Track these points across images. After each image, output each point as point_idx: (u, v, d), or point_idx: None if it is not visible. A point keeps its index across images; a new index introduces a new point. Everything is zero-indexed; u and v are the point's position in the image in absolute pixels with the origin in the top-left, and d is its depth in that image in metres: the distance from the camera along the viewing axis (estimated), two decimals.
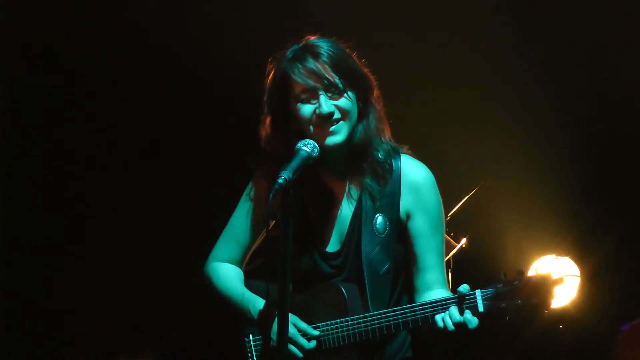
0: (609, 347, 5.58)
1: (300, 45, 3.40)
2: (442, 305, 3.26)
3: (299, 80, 3.34)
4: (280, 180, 3.04)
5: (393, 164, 3.45)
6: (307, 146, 3.21)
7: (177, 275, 5.95)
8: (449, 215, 5.76)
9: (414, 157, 3.50)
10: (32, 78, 5.85)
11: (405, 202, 3.44)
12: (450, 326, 3.22)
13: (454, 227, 5.75)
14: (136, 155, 6.02)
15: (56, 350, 5.98)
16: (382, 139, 3.45)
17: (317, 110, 3.33)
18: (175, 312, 5.97)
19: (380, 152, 3.43)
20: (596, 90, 5.98)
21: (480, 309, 3.21)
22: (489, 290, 3.22)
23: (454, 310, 3.22)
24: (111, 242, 5.98)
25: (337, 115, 3.34)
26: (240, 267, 3.65)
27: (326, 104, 3.32)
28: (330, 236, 3.49)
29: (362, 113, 3.42)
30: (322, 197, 3.49)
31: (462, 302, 3.22)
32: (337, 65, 3.35)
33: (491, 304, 3.20)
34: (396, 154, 3.46)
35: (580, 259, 6.01)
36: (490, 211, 5.95)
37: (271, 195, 3.03)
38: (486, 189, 5.86)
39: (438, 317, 3.25)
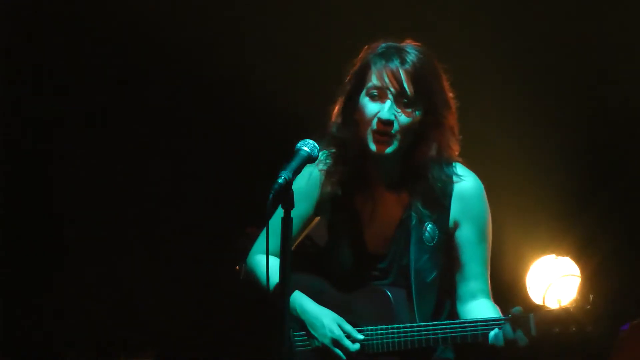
0: (609, 347, 5.58)
1: (395, 44, 3.41)
2: (493, 324, 3.28)
3: (376, 75, 3.36)
4: (280, 181, 3.05)
5: (446, 178, 3.44)
6: (307, 146, 3.21)
7: (177, 275, 5.95)
8: None
9: (466, 166, 3.51)
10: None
11: (454, 211, 3.46)
12: (501, 343, 3.23)
13: None
14: (136, 155, 6.01)
15: (56, 350, 5.98)
16: (443, 164, 3.45)
17: (379, 114, 3.33)
18: (175, 312, 5.97)
19: (437, 177, 3.43)
20: (597, 89, 5.97)
21: (533, 332, 3.21)
22: (543, 315, 3.23)
23: (507, 328, 3.23)
24: (111, 242, 5.98)
25: (395, 127, 3.34)
26: None
27: (389, 111, 3.33)
28: (378, 240, 3.51)
29: (427, 136, 3.42)
30: (372, 200, 3.50)
31: (515, 323, 3.22)
32: (418, 79, 3.36)
33: (544, 328, 3.21)
34: (450, 165, 3.46)
35: (580, 259, 6.00)
36: (490, 211, 5.94)
37: (271, 195, 3.04)
38: (485, 189, 5.85)
39: (492, 334, 3.26)
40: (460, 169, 3.51)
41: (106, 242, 5.98)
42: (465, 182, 3.49)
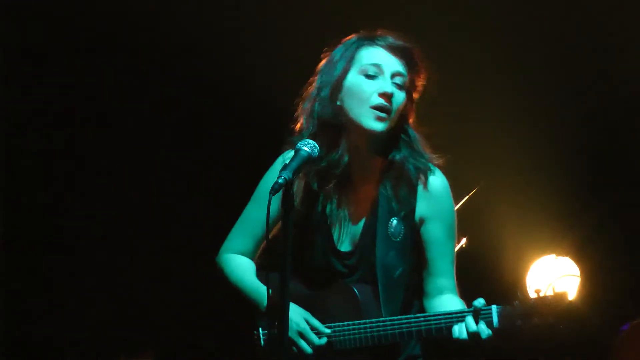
0: (609, 347, 5.58)
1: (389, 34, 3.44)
2: (457, 317, 3.28)
3: (373, 54, 3.37)
4: (280, 181, 3.05)
5: (414, 175, 3.46)
6: (307, 146, 3.21)
7: (177, 275, 5.95)
8: None
9: (433, 161, 3.51)
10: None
11: (421, 208, 3.45)
12: (464, 336, 3.24)
13: None
14: (135, 154, 6.02)
15: (56, 350, 5.98)
16: (419, 155, 3.46)
17: (379, 88, 3.33)
18: (175, 312, 5.97)
19: (411, 168, 3.45)
20: (596, 89, 5.98)
21: (495, 324, 3.22)
22: (506, 307, 3.25)
23: (469, 321, 3.24)
24: (111, 242, 5.98)
25: (394, 104, 3.35)
26: (253, 259, 3.65)
27: (391, 85, 3.33)
28: (345, 236, 3.51)
29: (405, 124, 3.44)
30: (345, 195, 3.50)
31: (478, 315, 3.23)
32: (413, 63, 3.40)
33: (507, 320, 3.22)
34: (419, 162, 3.47)
35: (580, 259, 6.01)
36: (490, 211, 5.95)
37: (271, 195, 3.05)
38: (486, 189, 5.86)
39: (455, 328, 3.26)
40: (429, 165, 3.51)
41: (106, 242, 5.98)
42: (433, 179, 3.48)
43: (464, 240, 5.73)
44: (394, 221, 3.44)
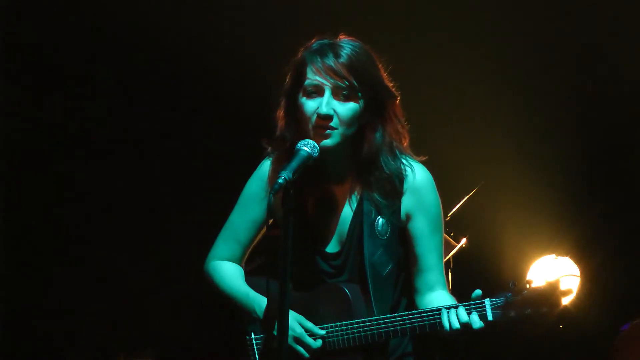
0: (609, 347, 5.59)
1: (329, 40, 3.40)
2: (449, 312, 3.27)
3: (312, 73, 3.34)
4: (280, 181, 3.05)
5: (396, 170, 3.43)
6: (307, 146, 3.21)
7: (177, 275, 5.95)
8: (449, 215, 5.77)
9: (413, 157, 3.49)
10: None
11: (406, 204, 3.44)
12: (457, 325, 3.23)
13: (454, 227, 5.75)
14: (135, 154, 6.02)
15: (56, 350, 5.98)
16: (397, 153, 3.43)
17: (318, 109, 3.33)
18: (175, 312, 5.97)
19: (391, 167, 3.42)
20: (597, 90, 5.98)
21: (490, 317, 3.22)
22: (499, 300, 3.23)
23: (461, 311, 3.24)
24: (111, 242, 5.98)
25: (334, 120, 3.33)
26: (241, 265, 3.65)
27: (327, 105, 3.32)
28: (331, 237, 3.50)
29: (373, 124, 3.41)
30: (322, 197, 3.49)
31: (470, 309, 3.23)
32: (356, 69, 3.33)
33: (500, 313, 3.22)
34: (399, 157, 3.45)
35: (580, 259, 6.01)
36: (490, 211, 5.95)
37: (271, 195, 3.04)
38: (486, 189, 5.86)
39: (445, 318, 3.26)
40: (409, 160, 3.48)
41: (106, 242, 5.98)
42: (415, 174, 3.45)
43: (463, 240, 5.74)
44: (380, 219, 3.43)
